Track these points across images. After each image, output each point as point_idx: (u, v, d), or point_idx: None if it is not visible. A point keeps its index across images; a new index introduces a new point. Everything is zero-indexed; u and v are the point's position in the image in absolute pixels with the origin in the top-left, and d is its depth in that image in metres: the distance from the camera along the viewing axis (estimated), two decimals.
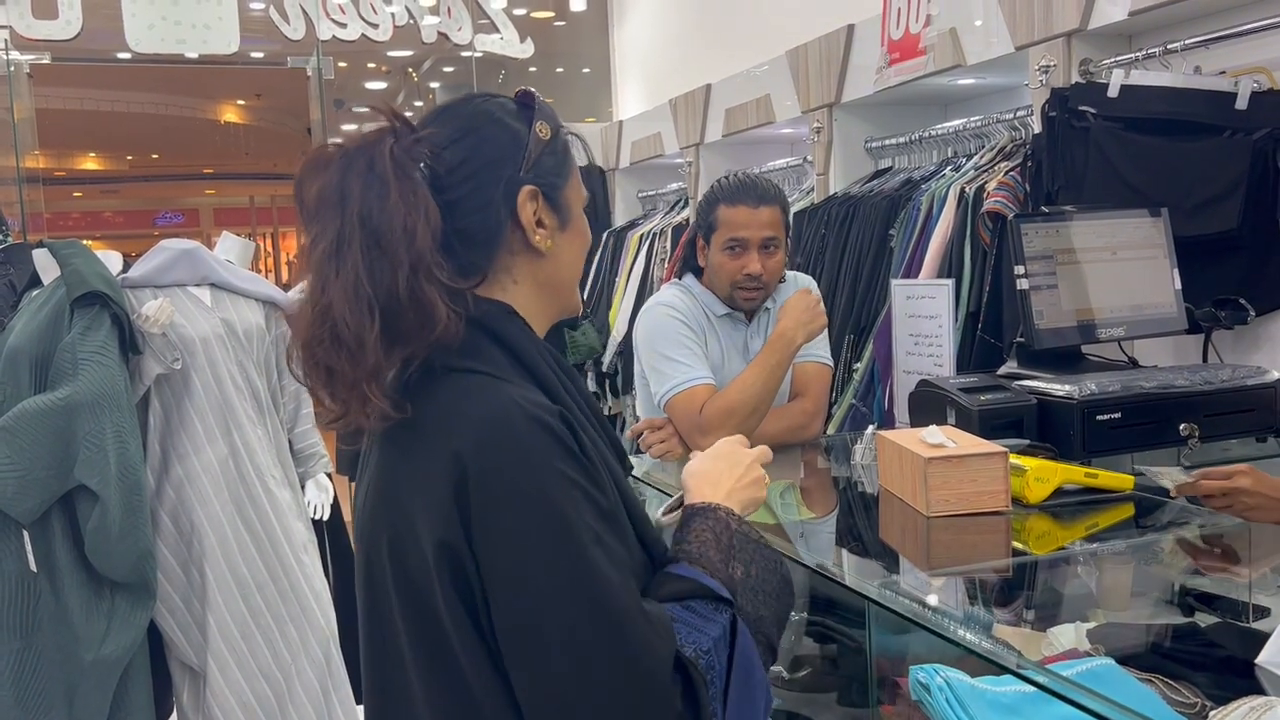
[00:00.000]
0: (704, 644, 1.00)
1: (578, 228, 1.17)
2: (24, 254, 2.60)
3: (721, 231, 2.28)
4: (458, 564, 0.98)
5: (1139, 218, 2.15)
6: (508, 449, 0.98)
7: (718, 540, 1.10)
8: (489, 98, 1.15)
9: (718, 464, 1.21)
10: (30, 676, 2.33)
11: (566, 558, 0.96)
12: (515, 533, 0.97)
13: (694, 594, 1.04)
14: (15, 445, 2.24)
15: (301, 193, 1.05)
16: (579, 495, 0.99)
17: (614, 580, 0.97)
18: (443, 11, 5.36)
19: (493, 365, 1.05)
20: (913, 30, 2.84)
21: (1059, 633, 1.36)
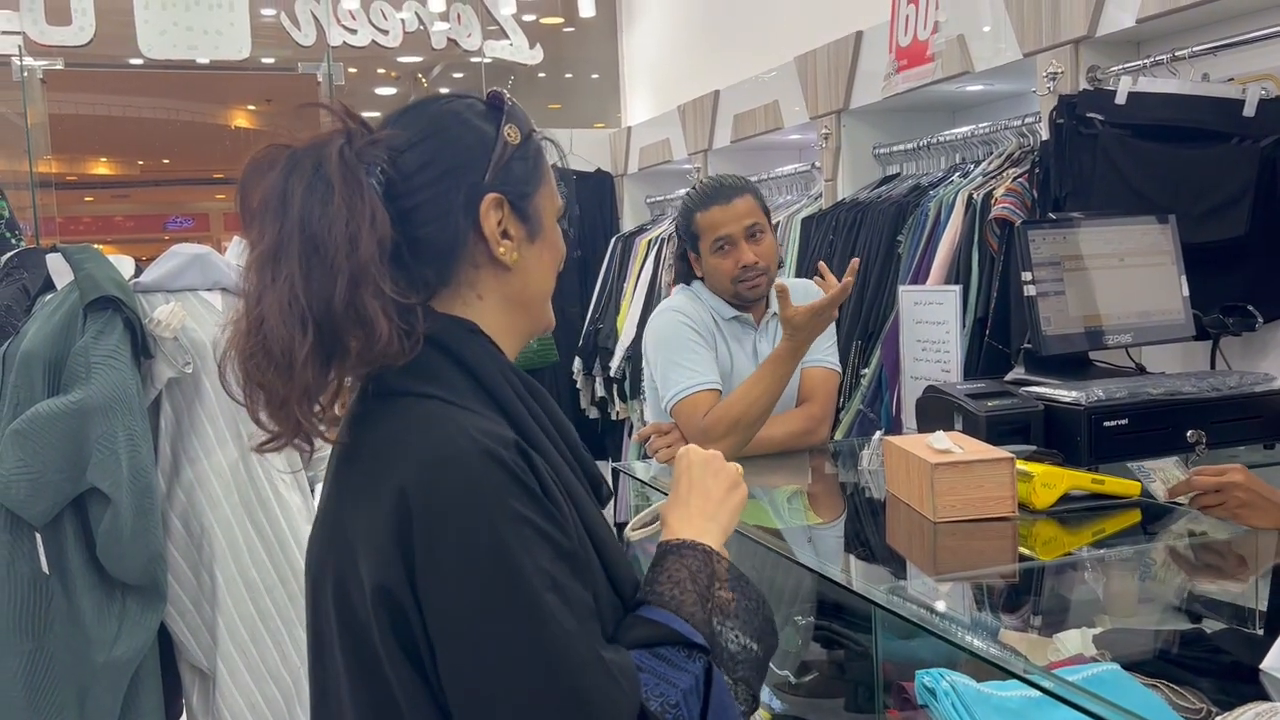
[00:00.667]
0: (672, 696, 0.92)
1: (549, 239, 1.09)
2: (37, 259, 2.62)
3: (705, 237, 2.30)
4: (398, 610, 0.91)
5: (1147, 224, 2.15)
6: (455, 486, 0.90)
7: (695, 580, 1.02)
8: (456, 98, 1.07)
9: (679, 489, 1.13)
10: (42, 678, 2.34)
11: (517, 606, 0.88)
12: (461, 579, 0.89)
13: (664, 640, 0.96)
14: (28, 448, 2.26)
15: (245, 193, 0.98)
16: (533, 536, 0.90)
17: (570, 630, 0.89)
18: (452, 18, 5.38)
19: (448, 389, 0.97)
20: (921, 37, 2.84)
21: (1065, 638, 1.37)
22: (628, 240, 5.02)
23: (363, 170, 0.96)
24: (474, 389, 0.99)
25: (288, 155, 0.97)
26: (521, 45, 5.52)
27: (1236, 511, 1.55)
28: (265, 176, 0.96)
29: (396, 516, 0.91)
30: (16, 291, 2.58)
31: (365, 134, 1.00)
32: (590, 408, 5.08)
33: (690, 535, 1.06)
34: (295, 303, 0.91)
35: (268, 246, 0.94)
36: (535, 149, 1.10)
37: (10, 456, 2.27)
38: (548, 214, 1.10)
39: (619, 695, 0.89)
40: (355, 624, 0.94)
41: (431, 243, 1.00)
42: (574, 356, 5.11)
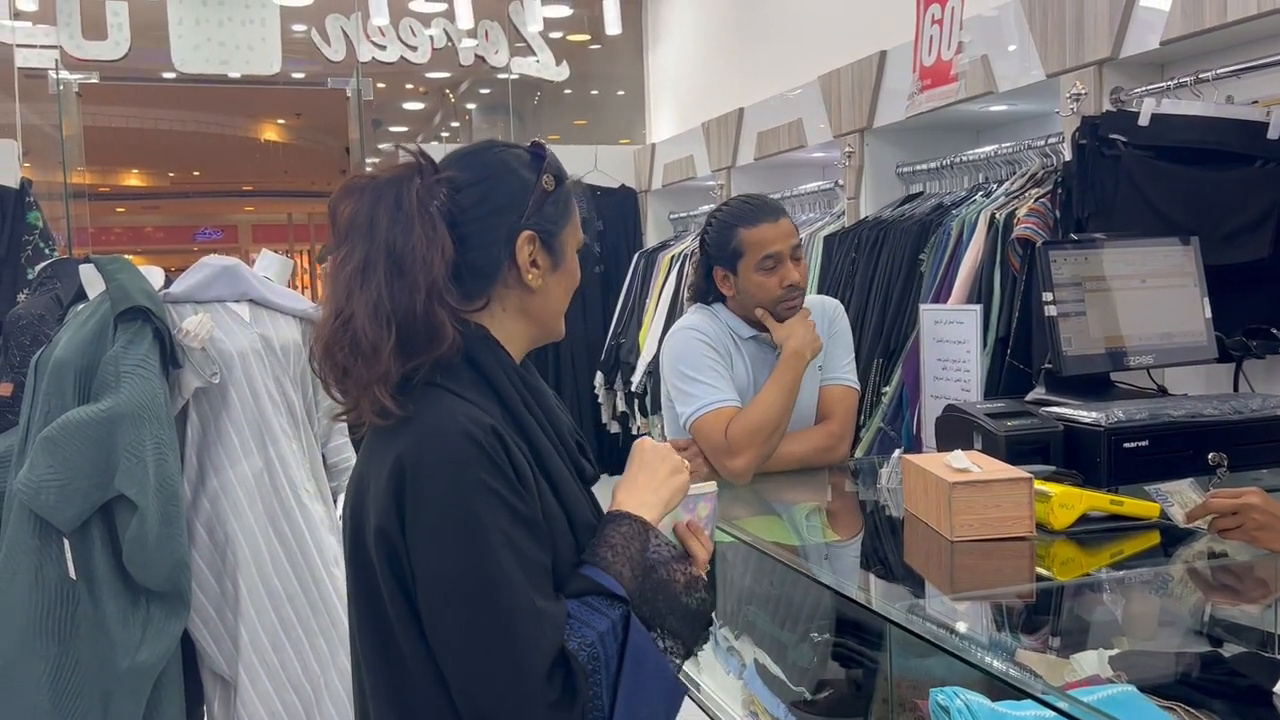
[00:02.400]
0: (589, 636, 1.13)
1: (569, 269, 1.33)
2: (70, 269, 2.67)
3: (752, 253, 2.28)
4: (393, 550, 1.14)
5: (1169, 246, 2.15)
6: (436, 457, 1.13)
7: (626, 545, 1.21)
8: (506, 148, 1.30)
9: (631, 469, 1.32)
10: (67, 682, 2.37)
11: (473, 556, 1.10)
12: (434, 530, 1.12)
13: (590, 590, 1.17)
14: (58, 455, 2.30)
15: (335, 213, 1.22)
16: (496, 502, 1.12)
17: (514, 580, 1.11)
18: (480, 35, 5.44)
19: (457, 382, 1.20)
20: (945, 57, 2.85)
21: (1082, 659, 1.36)
22: (650, 256, 5.04)
23: (433, 204, 1.20)
24: (479, 383, 1.21)
25: (373, 185, 1.21)
26: (548, 62, 5.57)
27: (1255, 535, 1.54)
28: (353, 201, 1.20)
29: (395, 475, 1.14)
30: (50, 301, 2.63)
31: (433, 172, 1.24)
32: (612, 422, 5.10)
33: (631, 507, 1.25)
34: (382, 308, 1.16)
35: (358, 262, 1.17)
36: (566, 193, 1.32)
37: (41, 463, 2.31)
38: (570, 247, 1.33)
39: (540, 636, 1.10)
40: (363, 559, 1.18)
41: (479, 266, 1.24)
42: (596, 371, 5.14)
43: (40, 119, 5.05)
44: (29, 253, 4.36)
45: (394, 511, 1.14)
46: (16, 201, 4.42)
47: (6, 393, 2.75)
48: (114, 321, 2.45)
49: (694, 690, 2.07)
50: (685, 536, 1.32)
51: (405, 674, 1.16)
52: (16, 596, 2.36)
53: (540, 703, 1.09)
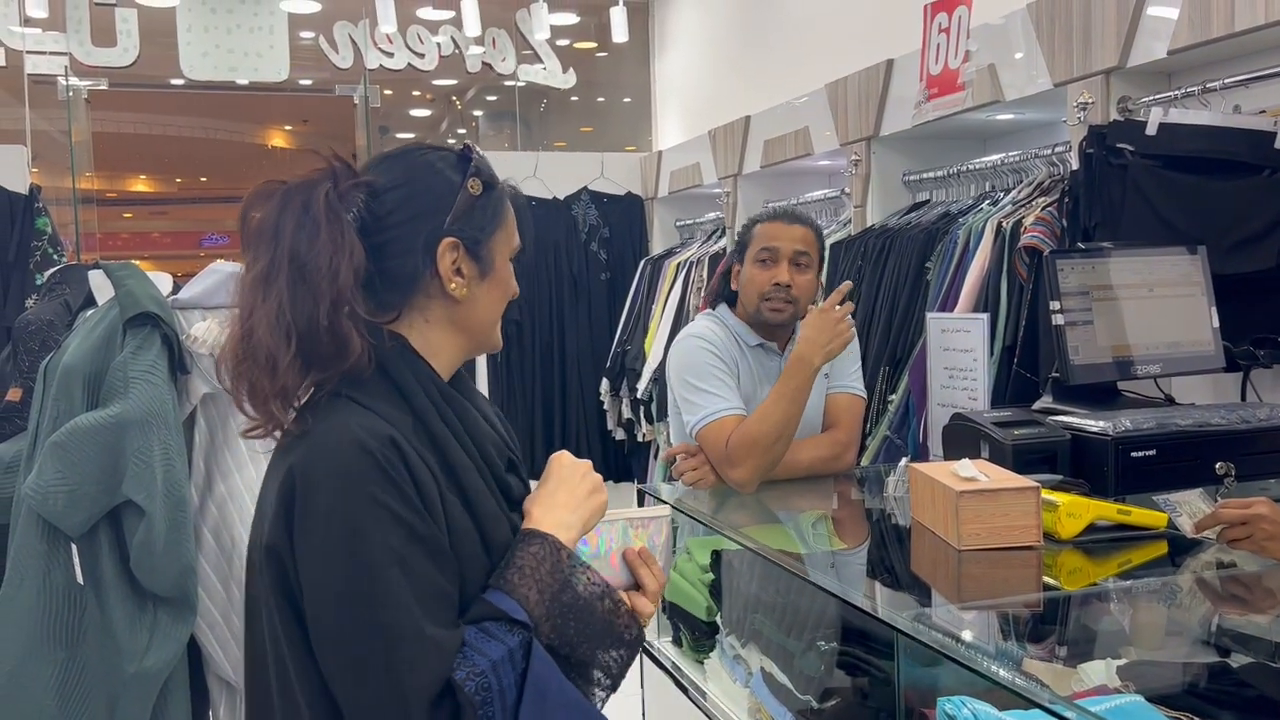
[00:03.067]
0: (480, 665, 1.05)
1: (499, 277, 1.25)
2: (79, 275, 2.68)
3: (754, 245, 2.34)
4: (281, 566, 1.09)
5: (1177, 255, 2.15)
6: (327, 469, 1.08)
7: (536, 566, 1.14)
8: (432, 150, 1.24)
9: (548, 485, 1.24)
10: (74, 687, 2.38)
11: (358, 576, 1.05)
12: (318, 546, 1.06)
13: (488, 616, 1.10)
14: (66, 460, 2.30)
15: (244, 220, 1.16)
16: (388, 519, 1.06)
17: (400, 602, 1.04)
18: (487, 42, 5.46)
19: (365, 392, 1.14)
20: (952, 65, 2.86)
21: (1089, 669, 1.36)
22: (657, 263, 5.05)
23: (344, 210, 1.14)
24: (390, 394, 1.15)
25: (283, 190, 1.14)
26: (555, 69, 5.58)
27: (1263, 545, 1.54)
28: (262, 207, 1.15)
29: (285, 488, 1.09)
30: (59, 307, 2.64)
31: (349, 176, 1.17)
32: (617, 429, 5.10)
33: (547, 526, 1.18)
34: (282, 319, 1.10)
35: (261, 270, 1.12)
36: (497, 198, 1.25)
37: (49, 468, 2.32)
38: (500, 255, 1.25)
39: (424, 664, 1.03)
40: (255, 578, 1.14)
41: (395, 274, 1.18)
42: (601, 378, 5.14)
43: (49, 125, 5.07)
44: (37, 258, 4.38)
45: (283, 527, 1.08)
46: (25, 207, 4.43)
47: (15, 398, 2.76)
48: (122, 327, 2.46)
49: (700, 698, 2.07)
50: (635, 565, 1.25)
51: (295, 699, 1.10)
52: (24, 601, 2.37)
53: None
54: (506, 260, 1.26)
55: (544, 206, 5.30)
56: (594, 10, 5.86)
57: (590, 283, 5.35)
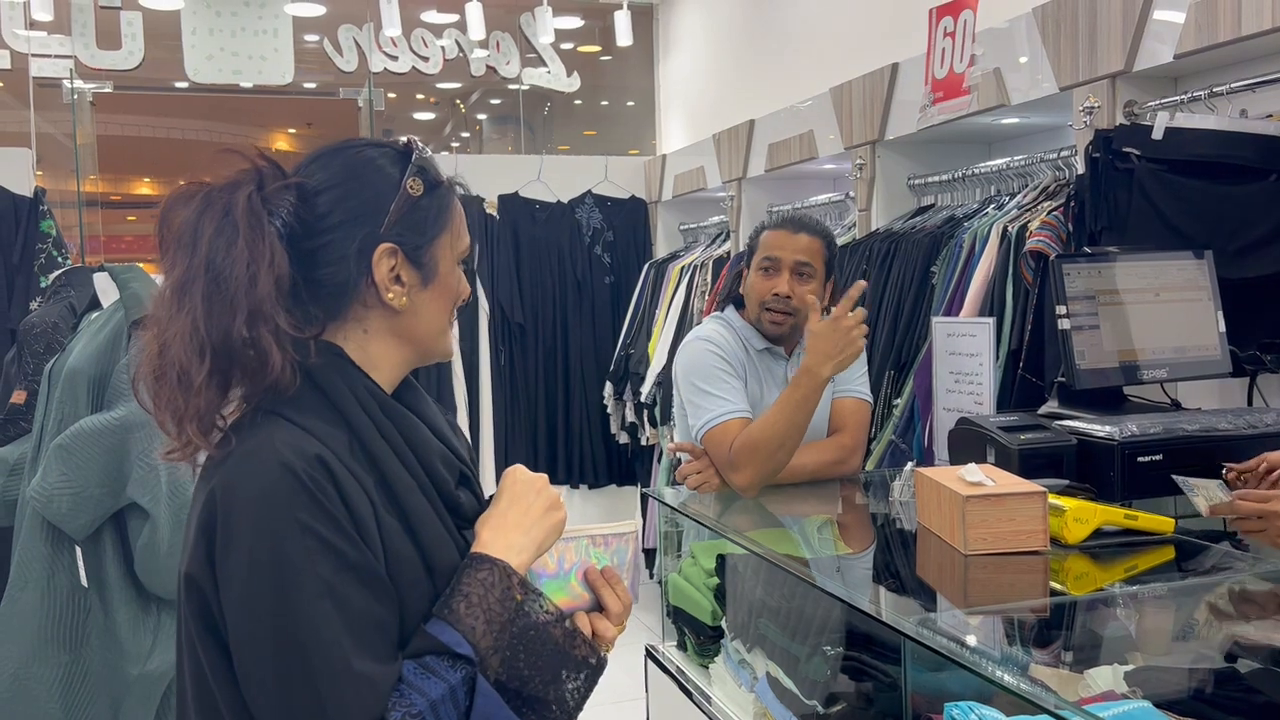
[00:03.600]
0: (417, 705, 0.98)
1: (443, 284, 1.15)
2: (84, 277, 2.68)
3: (759, 252, 2.34)
4: (201, 595, 1.02)
5: (1183, 259, 2.15)
6: (248, 492, 0.99)
7: (484, 594, 1.05)
8: (368, 147, 1.14)
9: (500, 504, 1.15)
10: (78, 690, 2.38)
11: (283, 607, 0.97)
12: (244, 576, 0.98)
13: (429, 650, 1.02)
14: (71, 463, 2.30)
15: (163, 223, 1.07)
16: (316, 546, 0.98)
17: (327, 637, 0.96)
18: (492, 45, 5.46)
19: (296, 408, 1.05)
20: (957, 69, 2.86)
21: (1096, 674, 1.36)
22: (660, 266, 5.05)
23: (266, 215, 1.05)
24: (324, 409, 1.06)
25: (204, 193, 1.06)
26: (559, 73, 5.59)
27: (1277, 540, 1.53)
28: (182, 210, 1.06)
29: (205, 514, 1.01)
30: (64, 309, 2.64)
31: (277, 177, 1.09)
32: (620, 433, 5.10)
33: (498, 549, 1.09)
34: (196, 333, 1.01)
35: (177, 279, 1.03)
36: (442, 197, 1.15)
37: (54, 471, 2.32)
38: (444, 260, 1.15)
39: (354, 704, 0.96)
40: (181, 608, 1.06)
41: (326, 283, 1.09)
42: (605, 382, 5.14)
43: (54, 128, 5.07)
44: (42, 261, 4.39)
45: (203, 555, 1.01)
46: (30, 210, 4.44)
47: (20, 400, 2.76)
48: (127, 330, 2.46)
49: (705, 703, 2.07)
50: (598, 585, 1.16)
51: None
52: (28, 604, 2.37)
53: None
54: (453, 264, 1.16)
55: (547, 210, 5.31)
56: (598, 14, 5.87)
57: (594, 286, 5.35)
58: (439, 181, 1.16)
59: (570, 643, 1.09)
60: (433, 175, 1.15)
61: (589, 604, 1.16)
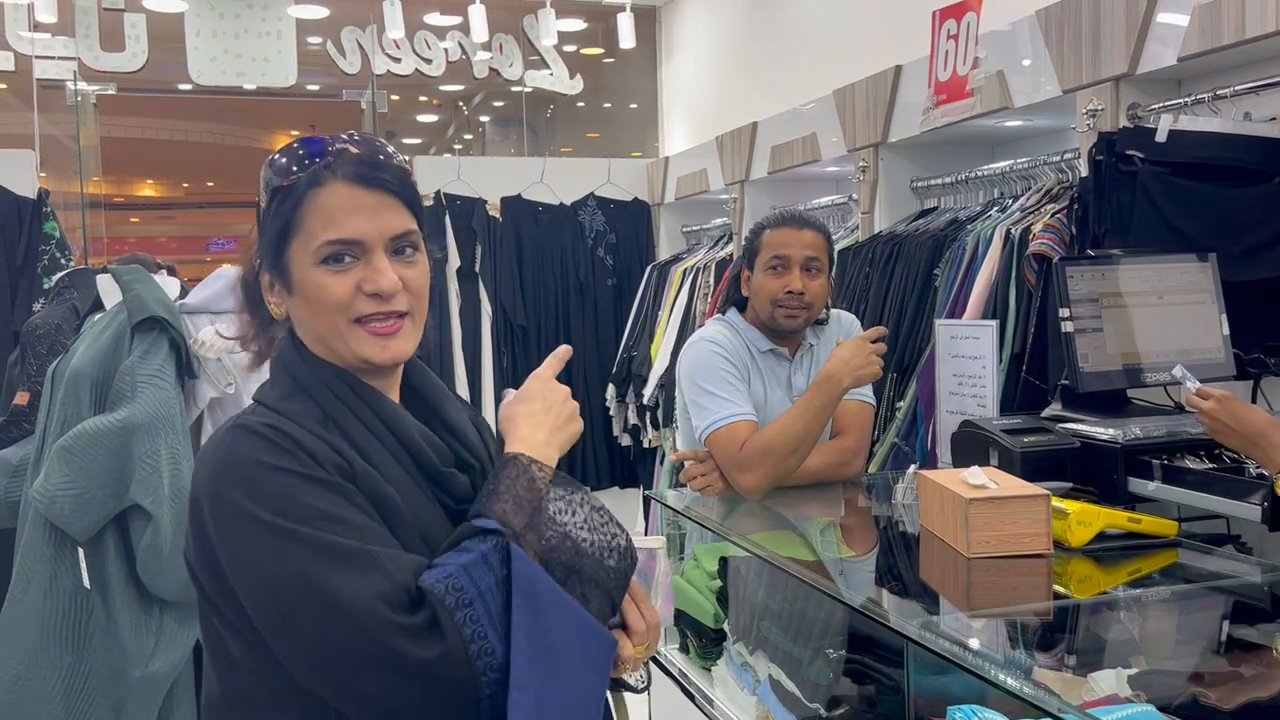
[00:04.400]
0: (448, 569, 1.01)
1: (301, 290, 1.13)
2: (87, 279, 2.69)
3: (765, 252, 2.33)
4: (195, 578, 1.10)
5: (1187, 262, 2.14)
6: (214, 456, 1.07)
7: (512, 484, 1.09)
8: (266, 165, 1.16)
9: (532, 405, 1.18)
10: (80, 691, 2.38)
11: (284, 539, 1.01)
12: (234, 529, 1.03)
13: (461, 535, 1.06)
14: (74, 465, 2.31)
15: None
16: (293, 480, 1.03)
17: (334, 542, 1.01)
18: (495, 48, 5.46)
19: (271, 396, 1.14)
20: (960, 72, 2.86)
21: (1100, 678, 1.35)
22: (663, 269, 5.05)
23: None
24: (294, 389, 1.13)
25: None
26: (562, 75, 5.59)
27: (1215, 433, 1.70)
28: None
29: (192, 497, 1.09)
30: (67, 311, 2.65)
31: None
32: (623, 435, 5.09)
33: (528, 447, 1.13)
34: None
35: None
36: (285, 205, 1.12)
37: (57, 472, 2.32)
38: (298, 266, 1.13)
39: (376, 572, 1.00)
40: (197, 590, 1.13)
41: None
42: (607, 384, 5.14)
43: (57, 130, 5.08)
44: (45, 262, 4.39)
45: (191, 538, 1.09)
46: (33, 211, 4.45)
47: (23, 402, 2.76)
48: (130, 332, 2.46)
49: (707, 705, 2.07)
50: (623, 605, 1.13)
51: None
52: (31, 605, 2.37)
53: (397, 633, 0.97)
54: (309, 267, 1.11)
55: (550, 212, 5.31)
56: (601, 16, 5.87)
57: (596, 288, 5.35)
58: (279, 186, 1.13)
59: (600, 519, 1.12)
60: (273, 182, 1.13)
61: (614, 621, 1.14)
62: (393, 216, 1.12)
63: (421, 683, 0.98)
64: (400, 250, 1.14)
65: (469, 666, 0.99)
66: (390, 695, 0.99)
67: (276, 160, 1.13)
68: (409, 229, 1.14)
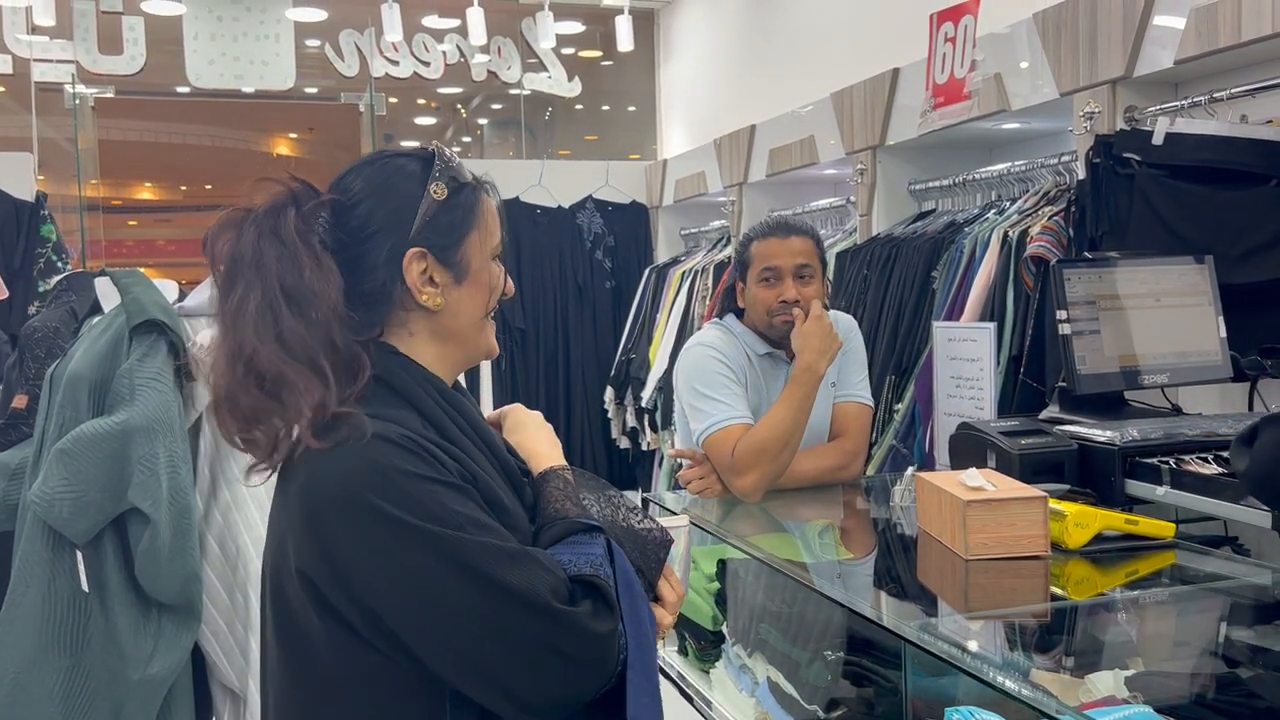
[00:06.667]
0: (596, 558, 1.10)
1: (478, 280, 1.20)
2: (85, 282, 2.68)
3: (756, 265, 2.34)
4: (314, 590, 1.06)
5: (1184, 264, 2.15)
6: (349, 467, 1.05)
7: (566, 493, 1.18)
8: (394, 158, 1.20)
9: (529, 430, 1.28)
10: (78, 694, 2.37)
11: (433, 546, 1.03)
12: (384, 542, 1.03)
13: (570, 530, 1.13)
14: (72, 468, 2.30)
15: (214, 248, 1.14)
16: (438, 488, 1.05)
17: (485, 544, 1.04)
18: (493, 51, 5.47)
19: (369, 406, 1.10)
20: (958, 75, 2.86)
21: (1097, 679, 1.36)
22: (662, 271, 5.05)
23: (313, 235, 1.13)
24: (392, 398, 1.13)
25: (251, 219, 1.12)
26: (560, 78, 5.60)
27: None
28: (233, 235, 1.13)
29: (306, 507, 1.06)
30: (65, 314, 2.64)
31: (310, 197, 1.16)
32: (621, 437, 5.10)
33: (554, 461, 1.23)
34: (298, 346, 1.08)
35: (257, 303, 1.09)
36: (467, 199, 1.20)
37: (55, 475, 2.32)
38: (476, 257, 1.20)
39: (547, 575, 1.06)
40: (288, 608, 1.10)
41: (368, 291, 1.16)
42: (606, 386, 5.14)
43: (56, 133, 5.08)
44: (41, 265, 4.39)
45: (312, 548, 1.05)
46: (31, 214, 4.45)
47: (21, 405, 2.76)
48: (129, 334, 2.46)
49: (706, 707, 2.07)
50: None
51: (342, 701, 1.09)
52: (29, 608, 2.37)
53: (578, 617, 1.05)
54: (487, 260, 1.21)
55: (549, 215, 5.31)
56: (599, 19, 5.87)
57: (595, 291, 5.35)
58: (463, 183, 1.21)
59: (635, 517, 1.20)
60: (456, 177, 1.20)
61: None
62: None
63: (591, 663, 1.07)
64: None
65: (617, 643, 1.09)
66: (558, 678, 1.06)
67: (451, 155, 1.22)
68: None
